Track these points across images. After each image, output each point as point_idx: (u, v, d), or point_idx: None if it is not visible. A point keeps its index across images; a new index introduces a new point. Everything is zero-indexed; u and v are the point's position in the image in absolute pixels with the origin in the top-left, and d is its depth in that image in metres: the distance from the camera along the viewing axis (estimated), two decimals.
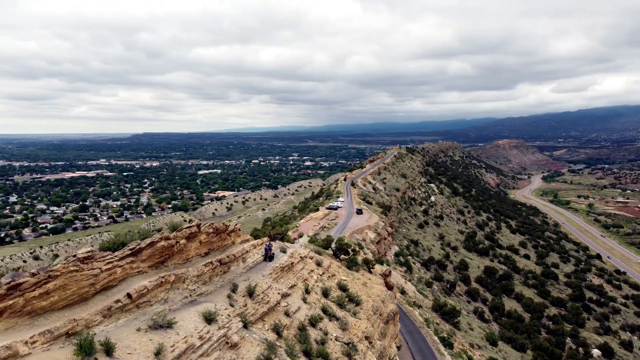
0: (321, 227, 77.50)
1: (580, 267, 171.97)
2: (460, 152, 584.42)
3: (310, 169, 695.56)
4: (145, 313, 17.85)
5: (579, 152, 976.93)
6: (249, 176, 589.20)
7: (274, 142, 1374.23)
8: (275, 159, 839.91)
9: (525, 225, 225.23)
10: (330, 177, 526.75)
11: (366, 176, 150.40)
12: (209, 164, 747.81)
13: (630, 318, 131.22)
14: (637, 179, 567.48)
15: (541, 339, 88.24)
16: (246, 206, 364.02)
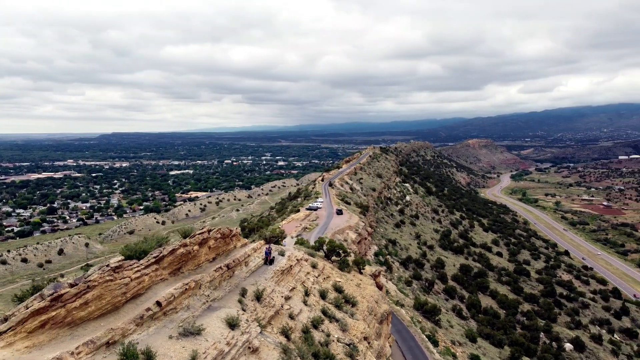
0: (303, 228, 77.79)
1: (550, 264, 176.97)
2: (432, 152, 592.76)
3: (284, 168, 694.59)
4: (172, 320, 17.91)
5: (545, 151, 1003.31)
6: (221, 176, 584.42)
7: (246, 142, 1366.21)
8: (248, 159, 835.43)
9: (497, 224, 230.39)
10: (304, 177, 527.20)
11: (343, 176, 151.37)
12: (180, 164, 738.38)
13: (598, 312, 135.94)
14: (601, 177, 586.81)
15: (517, 334, 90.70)
16: (220, 207, 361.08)
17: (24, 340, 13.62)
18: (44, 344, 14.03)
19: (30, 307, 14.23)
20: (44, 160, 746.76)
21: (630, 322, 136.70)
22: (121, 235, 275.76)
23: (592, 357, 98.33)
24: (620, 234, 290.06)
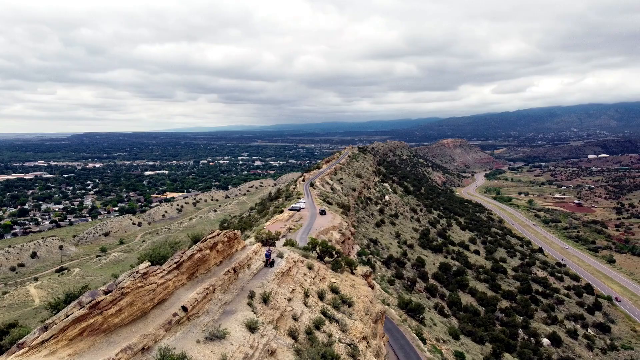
0: (288, 228, 77.93)
1: (525, 261, 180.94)
2: (408, 151, 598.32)
3: (261, 168, 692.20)
4: (196, 325, 17.98)
5: (518, 150, 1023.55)
6: (198, 177, 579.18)
7: (222, 141, 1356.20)
8: (225, 159, 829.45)
9: (473, 222, 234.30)
10: (282, 177, 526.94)
11: (324, 176, 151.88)
12: (155, 164, 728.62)
13: (572, 308, 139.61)
14: (572, 176, 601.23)
15: (497, 331, 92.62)
16: (197, 207, 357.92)
17: (65, 348, 13.56)
18: (84, 351, 13.98)
19: (70, 315, 14.18)
20: (13, 161, 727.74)
21: (603, 317, 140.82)
22: (96, 237, 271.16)
23: (569, 352, 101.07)
24: (591, 231, 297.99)
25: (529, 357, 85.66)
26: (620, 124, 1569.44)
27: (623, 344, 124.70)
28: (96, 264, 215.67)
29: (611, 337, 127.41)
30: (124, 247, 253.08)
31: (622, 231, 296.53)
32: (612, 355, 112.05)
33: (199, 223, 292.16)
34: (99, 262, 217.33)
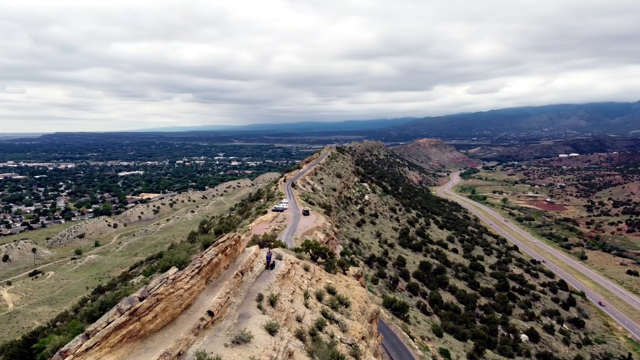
0: (273, 229, 77.94)
1: (502, 259, 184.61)
2: (385, 151, 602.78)
3: (237, 169, 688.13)
4: (219, 329, 18.11)
5: (491, 150, 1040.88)
6: (174, 177, 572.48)
7: (198, 141, 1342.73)
8: (201, 159, 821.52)
9: (451, 221, 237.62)
10: (259, 177, 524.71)
11: (304, 177, 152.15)
12: (130, 165, 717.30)
13: (548, 304, 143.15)
14: (544, 174, 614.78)
15: (477, 328, 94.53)
16: (174, 208, 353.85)
17: (108, 355, 13.57)
18: (125, 357, 14.03)
19: (112, 322, 14.22)
20: None
21: (577, 312, 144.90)
22: (71, 239, 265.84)
23: (546, 347, 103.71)
24: (563, 229, 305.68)
25: (509, 353, 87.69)
26: (589, 124, 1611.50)
27: (597, 338, 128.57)
28: (71, 267, 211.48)
29: (585, 332, 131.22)
30: (100, 249, 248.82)
31: (593, 228, 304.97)
32: (587, 349, 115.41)
33: (176, 224, 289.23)
34: (75, 265, 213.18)
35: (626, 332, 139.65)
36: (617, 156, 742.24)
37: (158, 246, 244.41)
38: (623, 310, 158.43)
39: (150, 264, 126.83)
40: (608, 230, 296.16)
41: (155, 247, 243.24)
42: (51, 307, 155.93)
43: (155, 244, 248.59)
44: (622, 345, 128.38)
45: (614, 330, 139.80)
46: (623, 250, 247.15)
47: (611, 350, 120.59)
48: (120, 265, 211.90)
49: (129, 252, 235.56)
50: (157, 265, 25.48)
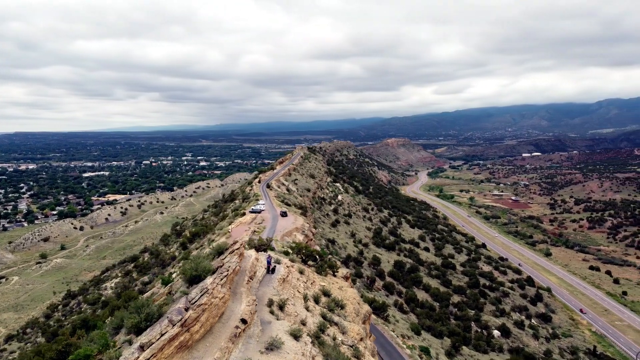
0: (252, 231, 77.87)
1: (471, 257, 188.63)
2: (354, 151, 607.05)
3: (206, 169, 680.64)
4: (250, 336, 18.25)
5: (457, 149, 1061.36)
6: (141, 178, 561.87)
7: (165, 141, 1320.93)
8: (168, 160, 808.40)
9: (421, 220, 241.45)
10: (229, 177, 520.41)
11: (279, 177, 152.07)
12: (94, 165, 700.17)
13: (517, 300, 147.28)
14: (508, 173, 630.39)
15: (453, 325, 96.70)
16: (142, 210, 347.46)
17: None
18: None
19: (166, 334, 14.21)
20: None
21: (544, 308, 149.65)
22: (34, 243, 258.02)
23: (517, 342, 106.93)
24: (528, 226, 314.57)
25: (484, 349, 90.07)
26: (550, 124, 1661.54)
27: (563, 332, 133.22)
28: (37, 272, 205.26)
29: (552, 326, 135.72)
30: (66, 252, 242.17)
31: (556, 226, 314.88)
32: (555, 343, 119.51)
33: (145, 226, 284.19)
34: (40, 269, 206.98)
35: (590, 325, 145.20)
36: (577, 155, 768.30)
37: (127, 249, 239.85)
38: (587, 304, 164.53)
39: (123, 267, 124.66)
40: (570, 227, 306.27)
41: (124, 249, 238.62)
42: (17, 313, 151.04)
43: (124, 246, 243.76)
44: (587, 338, 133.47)
45: (579, 324, 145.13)
46: (585, 247, 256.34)
47: (577, 344, 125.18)
48: (88, 268, 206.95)
49: (97, 255, 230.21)
50: (179, 274, 24.96)
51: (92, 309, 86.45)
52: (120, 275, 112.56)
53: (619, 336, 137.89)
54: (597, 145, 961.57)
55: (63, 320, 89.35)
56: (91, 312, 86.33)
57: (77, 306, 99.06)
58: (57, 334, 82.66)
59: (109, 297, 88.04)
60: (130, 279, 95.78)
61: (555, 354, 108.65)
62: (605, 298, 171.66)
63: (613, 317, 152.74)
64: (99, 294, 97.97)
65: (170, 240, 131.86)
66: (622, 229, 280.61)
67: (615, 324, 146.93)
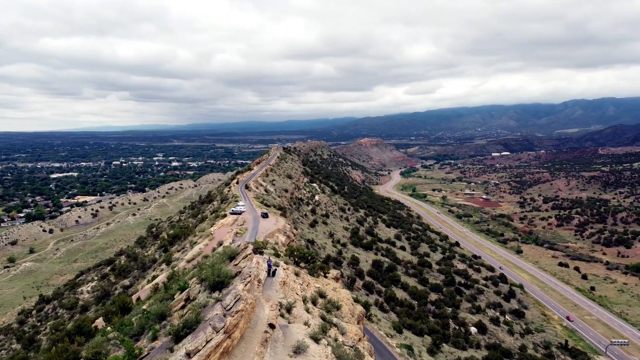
0: (234, 233, 77.82)
1: (446, 255, 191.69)
2: (328, 151, 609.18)
3: (178, 169, 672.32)
4: (275, 340, 18.45)
5: (429, 149, 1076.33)
6: (111, 179, 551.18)
7: (135, 141, 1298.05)
8: (139, 160, 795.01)
9: (396, 219, 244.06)
10: (202, 178, 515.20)
11: (257, 178, 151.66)
12: (62, 166, 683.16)
13: (491, 297, 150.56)
14: (479, 172, 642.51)
15: (432, 323, 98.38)
16: (114, 212, 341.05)
17: None
18: None
19: (212, 341, 14.30)
20: None
21: (517, 304, 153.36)
22: (1, 246, 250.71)
23: (494, 338, 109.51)
24: (499, 224, 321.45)
25: (462, 345, 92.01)
26: (518, 124, 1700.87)
27: (536, 327, 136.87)
28: (5, 276, 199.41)
29: (526, 322, 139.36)
30: (35, 256, 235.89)
31: (526, 223, 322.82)
32: (529, 338, 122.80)
33: (117, 228, 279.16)
34: (8, 274, 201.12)
35: (561, 320, 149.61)
36: (545, 155, 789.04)
37: (99, 251, 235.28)
38: (557, 300, 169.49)
39: (99, 270, 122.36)
40: (540, 225, 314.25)
41: (96, 252, 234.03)
42: None
43: (96, 249, 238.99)
44: (558, 333, 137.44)
45: (550, 319, 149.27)
46: (554, 244, 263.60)
47: (550, 339, 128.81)
48: (59, 272, 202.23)
49: (68, 259, 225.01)
50: (199, 280, 24.73)
51: (70, 314, 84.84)
52: (96, 279, 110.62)
53: (589, 330, 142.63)
54: (563, 145, 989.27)
55: (39, 326, 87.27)
56: (69, 317, 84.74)
57: (53, 311, 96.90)
58: (34, 340, 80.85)
59: (87, 302, 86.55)
60: (108, 282, 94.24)
61: (529, 349, 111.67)
62: (575, 293, 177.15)
63: (583, 312, 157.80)
64: (75, 299, 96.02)
65: (147, 243, 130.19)
66: (588, 227, 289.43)
67: (584, 319, 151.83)
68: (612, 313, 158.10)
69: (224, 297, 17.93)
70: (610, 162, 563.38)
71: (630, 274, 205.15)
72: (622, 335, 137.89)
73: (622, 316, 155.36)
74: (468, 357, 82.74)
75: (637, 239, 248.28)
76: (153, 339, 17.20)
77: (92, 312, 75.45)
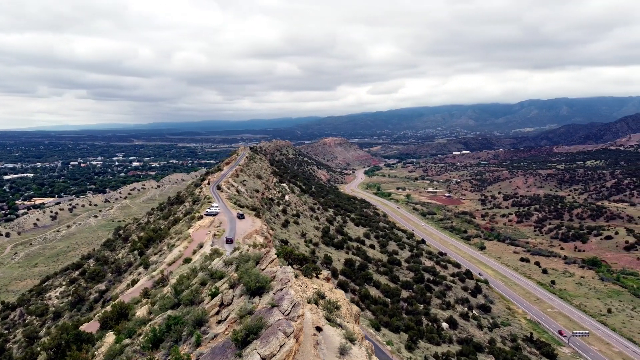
0: (213, 234, 77.46)
1: (414, 252, 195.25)
2: (293, 150, 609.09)
3: (140, 169, 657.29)
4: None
5: (392, 148, 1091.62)
6: (69, 180, 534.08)
7: (93, 141, 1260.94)
8: (98, 160, 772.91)
9: (364, 218, 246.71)
10: (165, 178, 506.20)
11: (228, 179, 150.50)
12: (16, 167, 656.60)
13: (459, 292, 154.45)
14: (441, 171, 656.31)
15: (406, 319, 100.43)
16: (74, 214, 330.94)
17: None
18: None
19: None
20: None
21: (483, 299, 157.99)
22: None
23: (464, 332, 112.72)
24: (462, 222, 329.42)
25: (437, 341, 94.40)
26: (477, 123, 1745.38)
27: (502, 321, 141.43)
28: None
29: (492, 316, 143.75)
30: None
31: (488, 220, 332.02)
32: (497, 332, 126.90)
33: (79, 231, 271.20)
34: None
35: (525, 314, 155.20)
36: (503, 153, 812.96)
37: (60, 255, 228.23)
38: (521, 294, 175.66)
39: (66, 275, 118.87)
40: (501, 221, 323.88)
41: (57, 256, 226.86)
42: None
43: (57, 252, 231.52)
44: (523, 326, 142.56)
45: (515, 313, 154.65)
46: (515, 240, 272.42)
47: (515, 332, 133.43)
48: (19, 277, 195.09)
49: (27, 263, 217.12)
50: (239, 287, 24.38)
51: (41, 321, 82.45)
52: (65, 284, 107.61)
53: (551, 322, 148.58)
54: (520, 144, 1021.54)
55: (7, 334, 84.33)
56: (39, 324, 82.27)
57: (20, 318, 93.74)
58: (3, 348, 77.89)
59: (59, 308, 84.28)
60: (80, 287, 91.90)
61: (498, 342, 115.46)
62: (537, 287, 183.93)
63: (545, 305, 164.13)
64: (44, 305, 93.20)
65: (117, 246, 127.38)
66: (546, 222, 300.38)
67: (547, 312, 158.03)
68: (572, 305, 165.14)
69: (280, 303, 18.32)
70: (564, 160, 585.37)
71: (586, 267, 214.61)
72: (583, 326, 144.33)
73: (582, 308, 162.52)
74: (444, 352, 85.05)
75: (592, 234, 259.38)
76: (197, 344, 17.38)
77: (66, 318, 73.63)
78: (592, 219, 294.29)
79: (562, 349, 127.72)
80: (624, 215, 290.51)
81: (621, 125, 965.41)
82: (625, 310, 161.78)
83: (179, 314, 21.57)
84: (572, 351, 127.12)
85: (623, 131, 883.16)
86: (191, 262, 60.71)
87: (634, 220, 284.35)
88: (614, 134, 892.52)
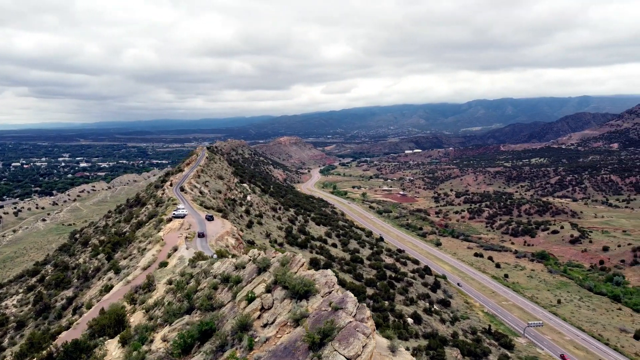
0: (185, 237, 76.65)
1: (374, 250, 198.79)
2: (249, 150, 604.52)
3: (88, 170, 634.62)
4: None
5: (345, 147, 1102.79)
6: (12, 182, 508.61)
7: (37, 141, 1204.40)
8: (42, 161, 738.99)
9: (324, 217, 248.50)
10: (116, 179, 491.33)
11: (190, 180, 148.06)
12: None
13: (420, 288, 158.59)
14: (394, 169, 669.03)
15: (375, 317, 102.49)
16: (20, 217, 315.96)
17: None
18: None
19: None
20: None
21: (443, 294, 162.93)
22: None
23: (429, 327, 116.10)
24: (417, 219, 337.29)
25: (405, 336, 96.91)
26: (428, 123, 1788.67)
27: (462, 315, 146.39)
28: None
29: (452, 310, 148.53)
30: None
31: (442, 217, 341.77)
32: (458, 325, 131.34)
33: (27, 235, 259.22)
34: None
35: (483, 307, 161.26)
36: (453, 151, 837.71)
37: (7, 261, 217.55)
38: (477, 288, 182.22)
39: (22, 282, 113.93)
40: (454, 218, 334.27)
41: (4, 262, 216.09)
42: None
43: (4, 259, 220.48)
44: (481, 319, 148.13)
45: (473, 307, 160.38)
46: (468, 235, 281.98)
47: (474, 325, 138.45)
48: None
49: None
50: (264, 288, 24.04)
51: (2, 331, 79.04)
52: (22, 291, 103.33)
53: (507, 314, 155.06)
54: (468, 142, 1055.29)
55: None
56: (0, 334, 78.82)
57: None
58: None
59: (20, 317, 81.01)
60: (39, 294, 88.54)
61: (460, 335, 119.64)
62: (491, 281, 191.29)
63: (500, 298, 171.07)
64: (2, 314, 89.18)
65: (75, 250, 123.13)
66: (497, 218, 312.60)
67: (502, 304, 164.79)
68: (525, 297, 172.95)
69: (344, 305, 18.82)
70: (511, 158, 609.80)
71: (536, 261, 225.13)
72: (536, 317, 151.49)
73: (534, 300, 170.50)
74: (415, 347, 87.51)
75: (540, 229, 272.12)
76: (250, 348, 17.68)
77: (32, 327, 70.97)
78: (539, 214, 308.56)
79: (518, 340, 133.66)
80: (568, 210, 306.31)
81: (562, 124, 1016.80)
82: (573, 301, 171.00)
83: (208, 320, 21.74)
84: (528, 341, 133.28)
85: (564, 130, 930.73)
86: (168, 265, 60.01)
87: (577, 215, 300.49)
88: (556, 132, 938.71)
